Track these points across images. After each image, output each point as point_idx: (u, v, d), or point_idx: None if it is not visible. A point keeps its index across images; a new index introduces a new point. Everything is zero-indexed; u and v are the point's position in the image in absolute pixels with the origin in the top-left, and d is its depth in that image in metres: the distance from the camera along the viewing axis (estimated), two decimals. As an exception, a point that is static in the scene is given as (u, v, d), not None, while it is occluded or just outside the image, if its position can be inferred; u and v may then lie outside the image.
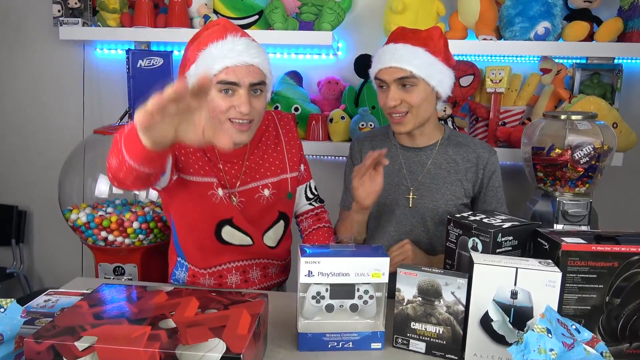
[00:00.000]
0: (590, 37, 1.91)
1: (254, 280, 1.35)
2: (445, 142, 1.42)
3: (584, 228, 1.65)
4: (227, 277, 1.32)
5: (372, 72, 1.37)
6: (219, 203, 1.24)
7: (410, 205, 1.39)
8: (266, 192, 1.30)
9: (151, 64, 2.09)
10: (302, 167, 1.41)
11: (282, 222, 1.35)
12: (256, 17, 2.04)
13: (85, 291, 1.06)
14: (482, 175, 1.39)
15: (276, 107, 2.10)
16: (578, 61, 2.01)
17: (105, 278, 1.80)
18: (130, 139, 0.86)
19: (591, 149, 1.59)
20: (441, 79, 1.32)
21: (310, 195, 1.45)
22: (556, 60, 2.00)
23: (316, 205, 1.46)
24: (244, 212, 1.28)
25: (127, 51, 2.08)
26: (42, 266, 2.50)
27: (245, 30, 1.21)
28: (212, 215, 1.25)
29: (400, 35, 1.34)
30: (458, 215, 1.12)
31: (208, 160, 1.25)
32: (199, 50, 1.15)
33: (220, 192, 1.24)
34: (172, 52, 2.15)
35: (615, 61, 1.97)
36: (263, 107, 1.20)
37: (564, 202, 1.66)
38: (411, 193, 1.39)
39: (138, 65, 2.08)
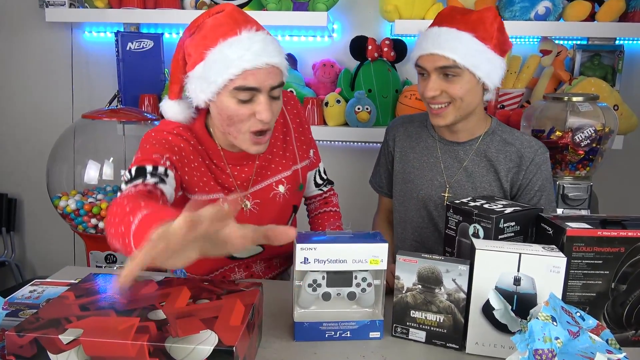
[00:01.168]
0: (591, 17, 1.87)
1: (259, 274, 1.30)
2: (488, 137, 1.29)
3: (584, 212, 1.63)
4: (230, 276, 1.27)
5: (412, 57, 1.24)
6: None
7: (445, 204, 1.28)
8: (281, 189, 1.18)
9: (141, 46, 2.03)
10: (311, 152, 1.29)
11: (293, 216, 1.28)
12: (249, -3, 1.98)
13: (72, 281, 1.02)
14: (522, 177, 1.26)
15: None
16: (579, 42, 1.97)
17: (97, 266, 1.77)
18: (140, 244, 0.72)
19: (592, 132, 1.56)
20: (489, 69, 1.17)
21: (320, 181, 1.35)
22: (556, 42, 1.95)
23: (325, 189, 1.38)
24: (260, 215, 1.17)
25: (116, 34, 2.02)
26: (34, 255, 2.46)
27: (253, 17, 1.01)
28: None
29: (448, 17, 1.19)
30: (457, 202, 1.09)
31: (215, 168, 1.13)
32: (206, 48, 0.96)
33: (226, 207, 1.13)
34: (162, 34, 2.09)
35: (617, 42, 1.93)
36: (279, 111, 1.08)
37: (564, 185, 1.63)
38: (447, 191, 1.30)
39: (128, 48, 2.03)
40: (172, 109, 1.08)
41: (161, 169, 0.98)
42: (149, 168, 0.97)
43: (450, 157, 1.31)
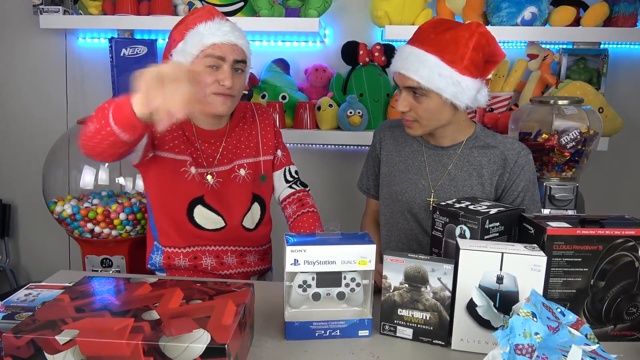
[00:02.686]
0: (576, 22, 1.91)
1: (231, 265, 1.37)
2: (471, 142, 1.31)
3: (570, 212, 1.66)
4: (201, 258, 1.35)
5: (390, 72, 1.27)
6: (190, 180, 1.30)
7: (431, 208, 1.26)
8: (242, 172, 1.37)
9: (135, 52, 2.06)
10: (278, 152, 1.45)
11: (257, 205, 1.40)
12: (241, 3, 2.00)
13: (67, 284, 1.04)
14: (507, 178, 1.28)
15: (263, 96, 2.07)
16: (564, 46, 2.01)
17: (92, 270, 1.79)
18: (122, 105, 0.98)
19: (577, 134, 1.59)
20: (456, 92, 1.16)
21: (290, 178, 1.46)
22: (543, 46, 1.99)
23: (297, 188, 1.46)
24: (221, 191, 1.34)
25: (110, 40, 2.04)
26: (29, 260, 2.47)
27: (230, 18, 1.29)
28: (184, 193, 1.31)
29: (422, 35, 1.19)
30: (443, 204, 1.12)
31: (186, 139, 1.32)
32: (186, 30, 1.24)
33: (193, 170, 1.31)
34: (156, 40, 2.11)
35: (601, 46, 1.98)
36: (242, 86, 1.30)
37: (551, 186, 1.66)
38: (432, 195, 1.31)
39: (122, 54, 2.05)
40: None
41: None
42: None
43: (435, 162, 1.33)
